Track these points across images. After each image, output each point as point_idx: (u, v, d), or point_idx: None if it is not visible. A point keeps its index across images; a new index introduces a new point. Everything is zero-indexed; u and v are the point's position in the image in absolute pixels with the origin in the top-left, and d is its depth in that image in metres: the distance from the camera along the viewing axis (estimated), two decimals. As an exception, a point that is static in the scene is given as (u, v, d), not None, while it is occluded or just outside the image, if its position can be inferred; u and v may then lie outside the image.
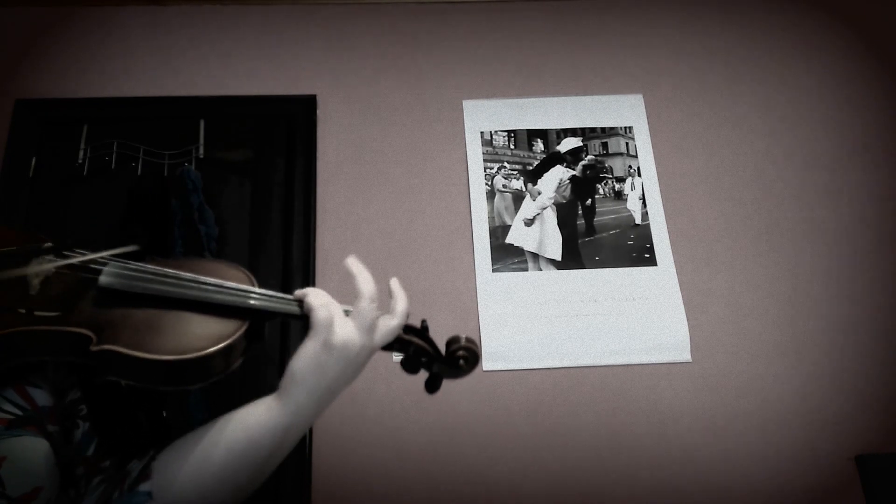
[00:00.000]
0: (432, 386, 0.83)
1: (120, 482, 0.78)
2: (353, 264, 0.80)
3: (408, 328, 0.82)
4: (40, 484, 0.69)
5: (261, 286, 0.80)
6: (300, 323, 0.78)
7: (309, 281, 1.90)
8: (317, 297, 0.76)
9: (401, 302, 0.80)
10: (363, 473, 1.74)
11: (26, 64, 2.15)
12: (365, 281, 0.78)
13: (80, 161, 2.06)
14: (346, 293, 0.82)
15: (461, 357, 0.81)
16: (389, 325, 0.78)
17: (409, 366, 0.83)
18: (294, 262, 1.94)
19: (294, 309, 0.78)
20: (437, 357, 0.82)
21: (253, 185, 2.09)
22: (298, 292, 0.79)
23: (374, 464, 1.75)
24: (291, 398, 0.75)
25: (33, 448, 0.70)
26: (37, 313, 0.68)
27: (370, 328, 0.77)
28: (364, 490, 1.73)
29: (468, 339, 0.83)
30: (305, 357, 0.75)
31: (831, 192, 2.08)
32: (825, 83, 2.22)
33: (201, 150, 2.08)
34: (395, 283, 0.81)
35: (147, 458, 0.78)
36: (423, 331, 0.83)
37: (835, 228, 2.04)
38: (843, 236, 2.03)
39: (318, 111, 2.11)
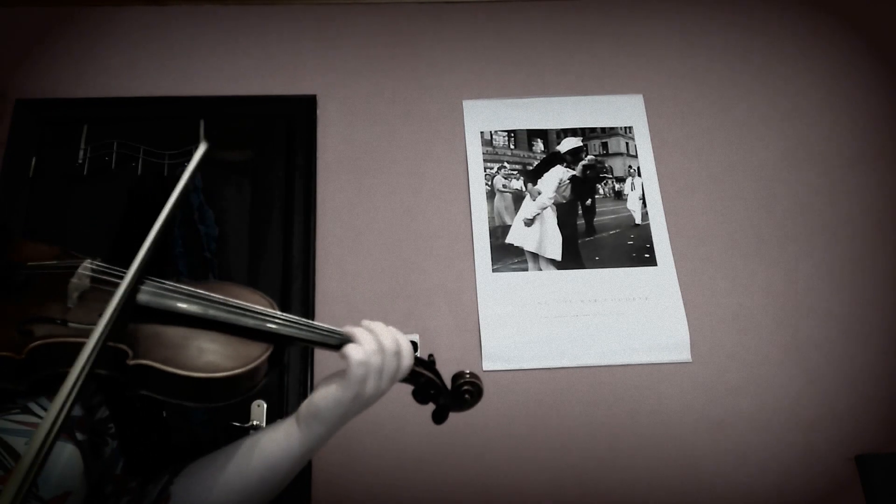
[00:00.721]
0: (439, 417, 0.89)
1: (137, 502, 0.81)
2: (367, 326, 0.83)
3: (418, 360, 0.86)
4: (70, 489, 0.71)
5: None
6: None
7: (309, 281, 1.90)
8: (357, 353, 0.78)
9: (405, 344, 0.83)
10: (363, 473, 1.74)
11: (26, 64, 2.15)
12: (386, 337, 0.81)
13: (80, 161, 2.06)
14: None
15: (466, 392, 0.86)
16: (403, 368, 0.83)
17: (420, 397, 0.88)
18: (294, 262, 1.94)
19: (329, 341, 0.81)
20: (443, 390, 0.87)
21: (253, 185, 2.09)
22: (347, 330, 0.82)
23: (374, 463, 1.75)
24: (313, 432, 0.80)
25: (65, 454, 0.72)
26: (72, 325, 0.70)
27: (394, 378, 0.82)
28: (364, 490, 1.73)
29: (472, 374, 0.87)
30: (333, 401, 0.79)
31: (831, 191, 2.08)
32: (825, 83, 2.22)
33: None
34: (395, 332, 0.84)
35: (164, 481, 0.82)
36: (430, 364, 0.88)
37: (835, 228, 2.04)
38: (842, 236, 2.03)
39: (318, 111, 2.12)
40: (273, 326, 0.78)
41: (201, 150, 0.83)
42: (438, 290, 1.92)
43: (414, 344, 0.86)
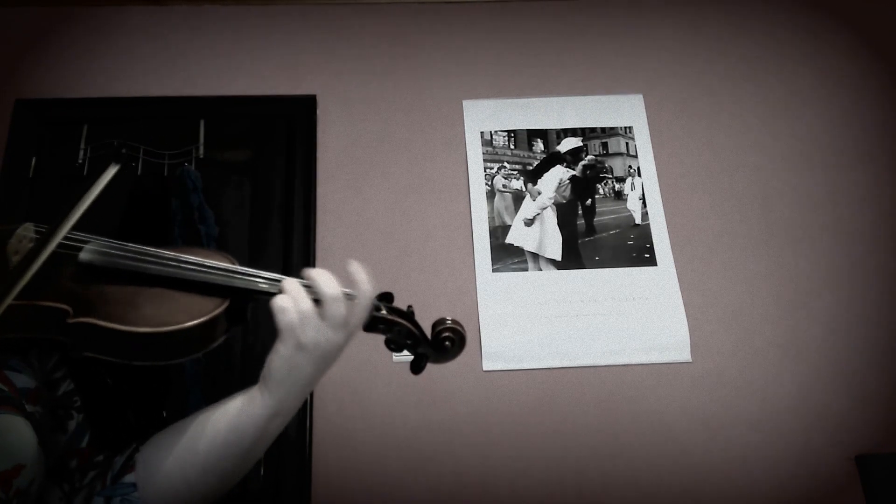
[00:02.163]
0: (417, 367, 0.83)
1: (103, 475, 0.79)
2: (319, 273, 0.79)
3: (393, 309, 0.82)
4: (22, 461, 0.69)
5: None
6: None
7: (309, 281, 1.90)
8: (280, 301, 0.75)
9: (361, 283, 0.78)
10: (363, 473, 1.74)
11: (26, 64, 2.15)
12: (325, 282, 0.77)
13: (80, 161, 2.06)
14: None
15: (447, 338, 0.82)
16: (356, 311, 0.78)
17: (394, 345, 0.83)
18: (294, 262, 1.94)
19: (270, 290, 0.78)
20: (422, 339, 0.83)
21: (253, 185, 2.09)
22: (281, 283, 0.79)
23: (375, 463, 1.75)
24: (272, 394, 0.76)
25: (11, 425, 0.70)
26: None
27: (341, 324, 0.77)
28: (364, 490, 1.73)
29: (454, 321, 0.83)
30: (279, 358, 0.76)
31: (831, 191, 2.08)
32: (825, 83, 2.22)
33: (201, 150, 2.08)
34: (352, 267, 0.79)
35: (130, 451, 0.80)
36: (409, 314, 0.84)
37: (835, 228, 2.04)
38: (842, 236, 2.03)
39: (318, 111, 2.11)
40: (225, 280, 0.75)
41: (111, 171, 0.80)
42: (438, 290, 1.92)
43: (390, 294, 0.82)
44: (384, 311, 0.81)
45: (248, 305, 0.79)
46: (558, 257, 1.97)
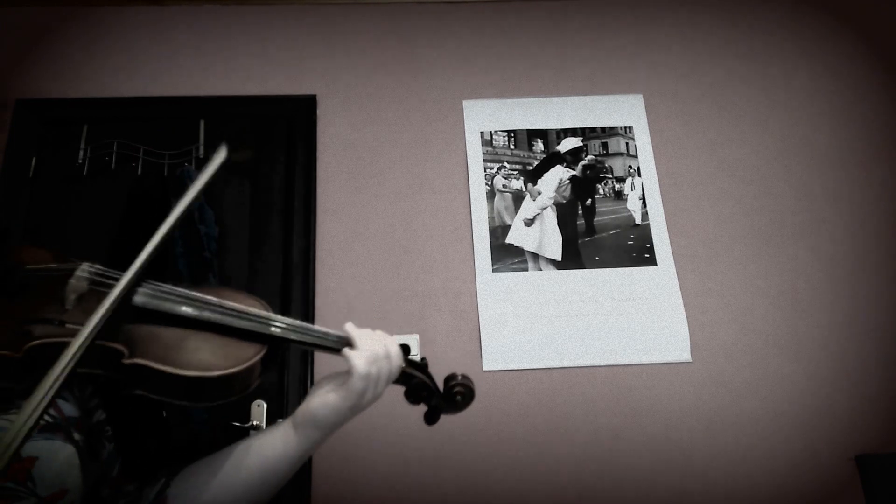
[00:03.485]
0: (431, 418, 0.90)
1: None
2: (356, 333, 0.83)
3: (410, 362, 0.87)
4: (66, 487, 0.73)
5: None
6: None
7: (309, 281, 1.90)
8: (361, 363, 0.79)
9: (392, 348, 0.83)
10: (363, 473, 1.74)
11: (26, 64, 2.15)
12: (393, 349, 0.83)
13: (80, 161, 2.06)
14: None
15: (458, 394, 0.88)
16: (393, 372, 0.84)
17: (412, 398, 0.89)
18: (294, 262, 1.94)
19: (324, 343, 0.83)
20: (435, 392, 0.89)
21: (253, 185, 2.09)
22: (348, 332, 0.83)
23: (375, 464, 1.75)
24: (308, 437, 0.81)
25: (62, 452, 0.74)
26: (69, 325, 0.72)
27: (387, 383, 0.84)
28: (364, 490, 1.73)
29: (464, 377, 0.89)
30: (331, 408, 0.81)
31: (831, 191, 2.08)
32: (825, 83, 2.22)
33: (201, 150, 2.08)
34: (383, 336, 0.84)
35: (161, 485, 0.82)
36: (423, 366, 0.89)
37: (834, 228, 2.04)
38: (843, 236, 2.03)
39: (318, 111, 2.11)
40: (264, 328, 0.80)
41: (221, 157, 0.83)
42: (438, 290, 1.92)
43: (406, 347, 0.88)
44: (404, 364, 0.86)
45: (280, 352, 0.83)
46: (558, 257, 1.97)
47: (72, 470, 0.74)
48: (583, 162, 2.10)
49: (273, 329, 0.80)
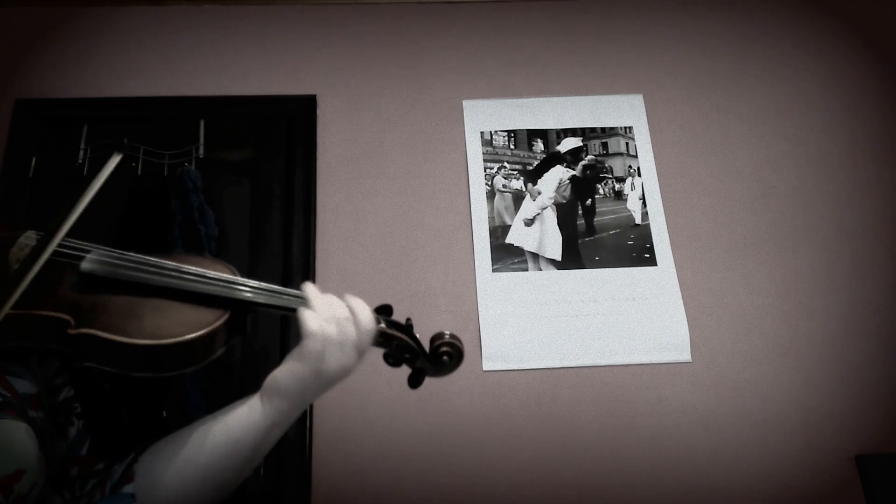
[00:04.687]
0: (415, 381, 0.84)
1: (102, 484, 0.79)
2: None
3: (392, 323, 0.83)
4: (23, 466, 0.69)
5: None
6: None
7: (309, 281, 1.90)
8: (312, 321, 0.76)
9: (360, 312, 0.80)
10: (363, 473, 1.74)
11: (26, 64, 2.15)
12: (336, 305, 0.79)
13: (80, 161, 2.06)
14: (346, 292, 0.82)
15: (444, 353, 0.82)
16: (363, 337, 0.80)
17: (392, 360, 0.83)
18: (294, 262, 1.94)
19: (284, 304, 0.78)
20: (420, 353, 0.83)
21: (253, 185, 2.09)
22: (304, 290, 0.79)
23: (375, 464, 1.75)
24: (274, 406, 0.77)
25: (12, 431, 0.70)
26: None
27: (357, 348, 0.79)
28: (364, 490, 1.73)
29: (452, 336, 0.84)
30: (292, 376, 0.77)
31: (831, 191, 2.08)
32: (825, 83, 2.22)
33: (201, 150, 2.08)
34: (349, 299, 0.82)
35: (128, 461, 0.80)
36: (407, 327, 0.84)
37: (835, 228, 2.04)
38: (843, 236, 2.03)
39: (318, 111, 2.11)
40: (225, 291, 0.75)
41: (115, 160, 0.81)
42: (438, 290, 1.92)
43: (388, 308, 0.84)
44: (384, 325, 0.82)
45: (248, 317, 0.79)
46: (558, 257, 1.97)
47: (27, 449, 0.70)
48: (583, 162, 2.10)
49: (235, 292, 0.75)
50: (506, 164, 2.08)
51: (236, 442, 0.77)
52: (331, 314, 0.77)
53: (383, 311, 0.84)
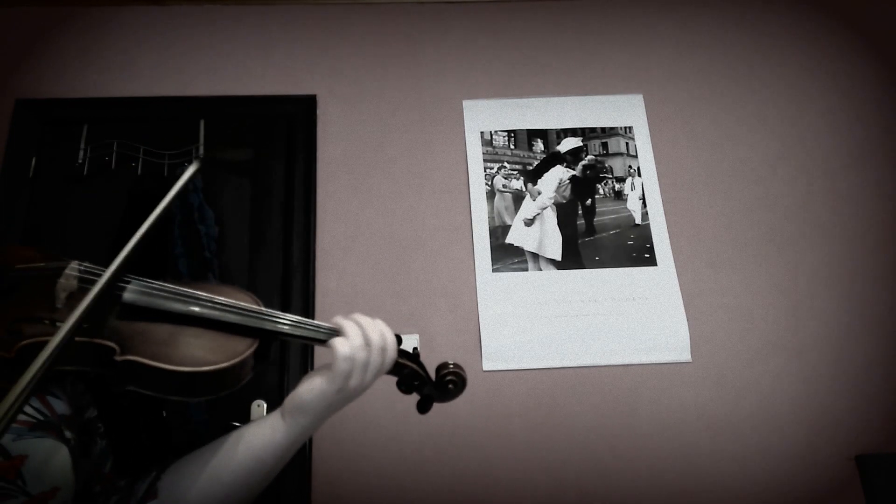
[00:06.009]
0: (423, 407, 0.91)
1: (125, 500, 0.81)
2: (351, 323, 0.83)
3: (403, 353, 0.88)
4: (58, 485, 0.72)
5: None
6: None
7: (309, 281, 1.90)
8: (343, 348, 0.79)
9: (389, 339, 0.84)
10: (363, 473, 1.74)
11: (26, 64, 2.15)
12: (375, 332, 0.82)
13: (80, 161, 2.06)
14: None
15: (450, 382, 0.89)
16: (387, 362, 0.84)
17: (404, 387, 0.90)
18: (294, 262, 1.94)
19: (315, 336, 0.83)
20: (427, 381, 0.89)
21: (253, 185, 2.09)
22: (336, 322, 0.83)
23: (375, 464, 1.75)
24: (297, 424, 0.81)
25: (53, 450, 0.73)
26: (60, 324, 0.71)
27: (378, 372, 0.84)
28: (364, 490, 1.73)
29: (456, 365, 0.90)
30: (318, 393, 0.81)
31: (831, 192, 2.08)
32: (825, 84, 2.22)
33: (201, 150, 2.08)
34: (381, 326, 0.85)
35: (151, 478, 0.82)
36: (414, 356, 0.90)
37: (834, 228, 2.04)
38: (842, 236, 2.03)
39: (318, 111, 2.11)
40: (254, 322, 0.80)
41: (194, 167, 0.87)
42: (438, 290, 1.92)
43: (399, 337, 0.88)
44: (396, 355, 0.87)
45: (272, 345, 0.83)
46: (558, 257, 1.97)
47: (64, 468, 0.74)
48: (583, 162, 2.10)
49: (264, 323, 0.80)
50: (506, 164, 2.08)
51: (258, 460, 0.81)
52: (362, 340, 0.81)
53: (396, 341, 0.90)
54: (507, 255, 1.97)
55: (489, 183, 2.05)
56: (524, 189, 2.06)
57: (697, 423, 1.82)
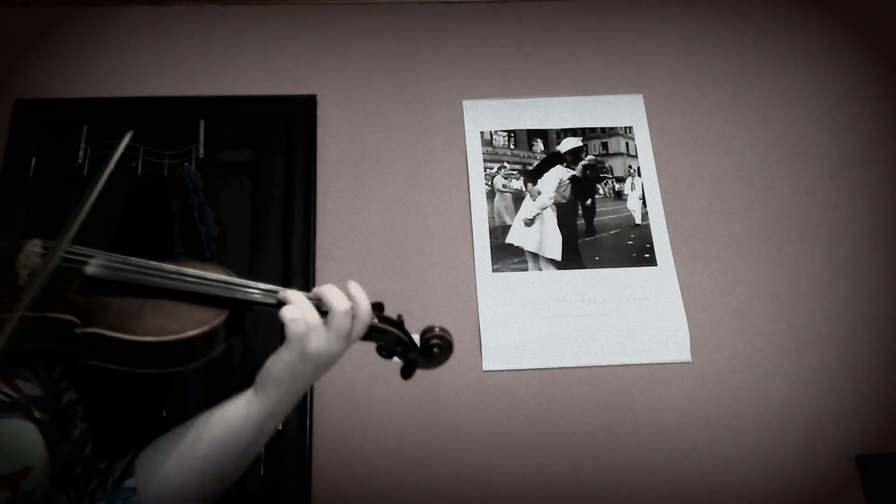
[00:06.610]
0: (407, 372, 0.88)
1: (105, 481, 0.82)
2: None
3: (383, 318, 0.87)
4: (29, 464, 0.72)
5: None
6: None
7: (309, 281, 1.90)
8: (290, 311, 0.79)
9: (360, 299, 0.84)
10: (363, 474, 1.74)
11: (26, 64, 2.15)
12: (335, 297, 0.82)
13: (80, 161, 2.06)
14: (345, 293, 0.83)
15: (435, 346, 0.86)
16: (356, 325, 0.83)
17: (384, 352, 0.87)
18: (294, 262, 1.94)
19: (273, 303, 0.82)
20: (411, 346, 0.87)
21: (253, 185, 2.09)
22: (281, 294, 0.83)
23: (374, 464, 1.75)
24: (268, 396, 0.80)
25: (20, 430, 0.73)
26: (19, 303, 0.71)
27: (344, 337, 0.82)
28: (364, 490, 1.73)
29: (442, 329, 0.88)
30: (282, 363, 0.80)
31: (831, 192, 2.08)
32: (826, 83, 2.22)
33: (201, 150, 2.08)
34: (352, 287, 0.85)
35: (129, 457, 0.83)
36: (399, 323, 0.88)
37: (835, 228, 2.04)
38: (843, 236, 2.03)
39: (318, 111, 2.11)
40: (223, 292, 0.79)
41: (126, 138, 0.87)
42: (438, 290, 1.92)
43: (381, 305, 0.87)
44: (376, 320, 0.86)
45: (245, 316, 0.83)
46: (558, 257, 1.97)
47: (35, 448, 0.73)
48: (583, 162, 2.10)
49: (233, 292, 0.80)
50: (506, 164, 2.08)
51: (233, 433, 0.80)
52: (308, 303, 0.81)
53: (376, 308, 0.88)
54: (507, 255, 1.97)
55: (489, 183, 2.05)
56: (524, 189, 2.06)
57: (697, 423, 1.82)
